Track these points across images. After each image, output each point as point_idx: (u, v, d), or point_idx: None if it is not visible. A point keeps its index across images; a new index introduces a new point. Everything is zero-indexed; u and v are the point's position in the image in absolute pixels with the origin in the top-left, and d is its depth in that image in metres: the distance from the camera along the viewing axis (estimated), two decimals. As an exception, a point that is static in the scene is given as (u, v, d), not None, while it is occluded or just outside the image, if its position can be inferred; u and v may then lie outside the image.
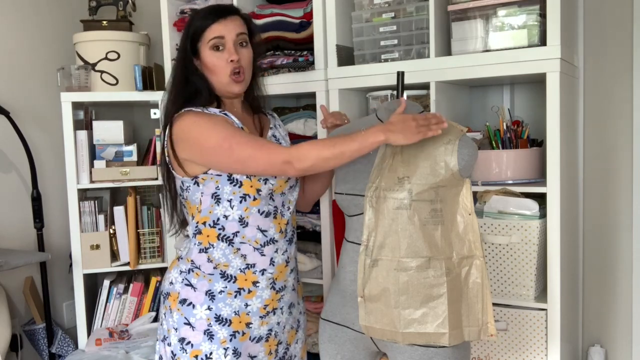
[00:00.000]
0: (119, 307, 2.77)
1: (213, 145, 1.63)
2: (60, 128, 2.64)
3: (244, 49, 1.74)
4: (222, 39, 1.70)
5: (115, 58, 2.71)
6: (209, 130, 1.64)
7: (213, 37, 1.70)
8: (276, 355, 1.81)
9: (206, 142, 1.64)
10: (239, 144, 1.61)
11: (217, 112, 1.71)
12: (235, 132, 1.64)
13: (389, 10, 2.17)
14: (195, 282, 1.72)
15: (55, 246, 2.89)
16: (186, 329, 1.70)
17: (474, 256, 1.62)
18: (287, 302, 1.82)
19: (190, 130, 1.65)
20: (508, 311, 2.01)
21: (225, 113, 1.72)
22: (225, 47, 1.71)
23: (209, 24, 1.71)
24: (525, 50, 1.93)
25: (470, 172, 1.65)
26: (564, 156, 1.96)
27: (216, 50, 1.71)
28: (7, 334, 2.48)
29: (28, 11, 2.84)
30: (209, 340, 1.69)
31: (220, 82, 1.73)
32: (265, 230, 1.73)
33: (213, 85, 1.75)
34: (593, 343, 2.37)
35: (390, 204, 1.59)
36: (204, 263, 1.73)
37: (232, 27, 1.71)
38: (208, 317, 1.70)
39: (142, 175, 2.73)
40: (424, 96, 2.18)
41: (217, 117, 1.68)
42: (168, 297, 1.76)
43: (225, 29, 1.70)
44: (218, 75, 1.72)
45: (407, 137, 1.54)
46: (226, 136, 1.62)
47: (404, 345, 1.62)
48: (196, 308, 1.70)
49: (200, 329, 1.70)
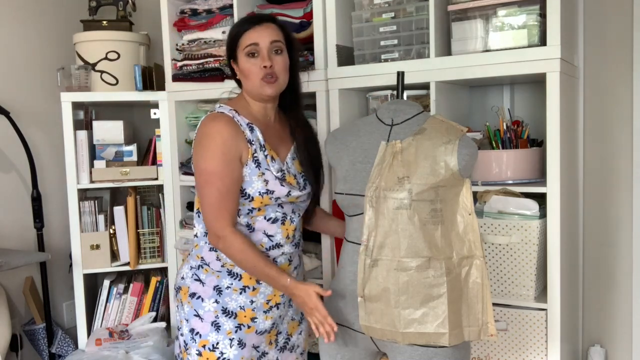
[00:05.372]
0: (119, 307, 2.77)
1: (200, 167, 1.73)
2: (60, 128, 2.64)
3: (279, 56, 1.77)
4: (256, 45, 1.75)
5: (115, 58, 2.71)
6: (209, 153, 1.71)
7: (248, 44, 1.76)
8: (276, 344, 1.89)
9: (202, 160, 1.73)
10: (213, 186, 1.70)
11: (246, 124, 1.76)
12: (222, 174, 1.70)
13: (389, 10, 2.17)
14: (204, 277, 1.81)
15: (55, 246, 2.89)
16: (195, 320, 1.80)
17: (474, 256, 1.62)
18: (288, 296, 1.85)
19: (202, 138, 1.73)
20: (508, 311, 2.01)
21: (252, 127, 1.76)
22: (260, 53, 1.75)
23: (244, 31, 1.77)
24: (525, 50, 1.93)
25: (471, 172, 1.65)
26: (564, 156, 1.96)
27: (251, 56, 1.76)
28: (7, 334, 2.48)
29: (28, 11, 2.85)
30: (215, 331, 1.79)
31: (254, 86, 1.78)
32: (271, 236, 1.80)
33: (247, 90, 1.81)
34: (593, 343, 2.37)
35: (391, 204, 1.59)
36: (213, 261, 1.81)
37: (266, 34, 1.76)
38: (215, 309, 1.79)
39: (142, 175, 2.73)
40: (424, 96, 2.18)
41: (231, 140, 1.72)
42: (180, 291, 1.86)
43: (259, 36, 1.75)
44: (251, 80, 1.77)
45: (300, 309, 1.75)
46: (213, 172, 1.70)
47: (403, 345, 1.62)
48: (205, 301, 1.80)
49: (208, 320, 1.79)
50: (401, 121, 1.72)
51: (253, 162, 1.74)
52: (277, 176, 1.76)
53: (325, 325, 1.65)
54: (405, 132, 1.69)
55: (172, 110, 2.65)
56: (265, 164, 1.76)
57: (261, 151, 1.76)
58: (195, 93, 2.56)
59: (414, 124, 1.70)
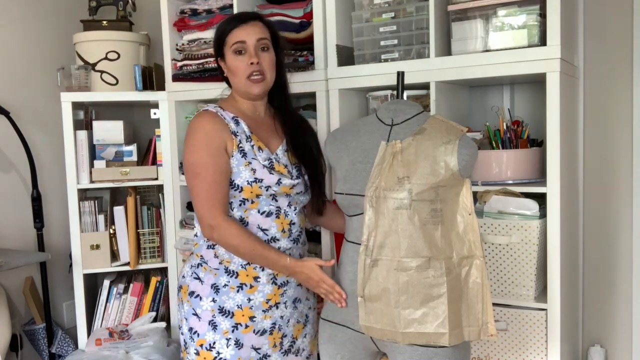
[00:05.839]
0: (119, 307, 2.77)
1: (187, 161, 1.78)
2: (60, 128, 2.64)
3: (265, 53, 1.81)
4: (243, 43, 1.79)
5: (115, 58, 2.71)
6: (193, 147, 1.75)
7: (235, 41, 1.79)
8: (281, 347, 1.88)
9: (188, 154, 1.77)
10: (200, 177, 1.73)
11: (230, 117, 1.80)
12: (208, 164, 1.73)
13: (389, 10, 2.17)
14: (202, 275, 1.83)
15: (55, 246, 2.89)
16: (194, 320, 1.82)
17: (474, 256, 1.62)
18: (290, 296, 1.87)
19: (189, 135, 1.79)
20: (508, 311, 2.01)
21: (237, 120, 1.80)
22: (247, 51, 1.79)
23: (231, 29, 1.81)
24: (525, 50, 1.93)
25: (471, 172, 1.65)
26: (564, 156, 1.96)
27: (238, 54, 1.80)
28: (7, 334, 2.48)
29: (28, 11, 2.84)
30: (212, 330, 1.79)
31: (240, 83, 1.81)
32: (265, 229, 1.80)
33: (235, 87, 1.85)
34: (593, 343, 2.37)
35: (390, 204, 1.59)
36: (211, 258, 1.82)
37: (253, 32, 1.79)
38: (212, 308, 1.80)
39: (142, 175, 2.73)
40: (424, 96, 2.18)
41: (214, 132, 1.75)
42: (180, 290, 1.89)
43: (245, 34, 1.79)
44: (238, 77, 1.81)
45: (307, 285, 1.79)
46: (199, 163, 1.74)
47: (403, 345, 1.62)
48: (202, 300, 1.81)
49: (206, 319, 1.80)
50: (401, 121, 1.72)
51: (239, 152, 1.76)
52: (264, 164, 1.78)
53: (334, 294, 1.68)
54: (405, 132, 1.69)
55: (172, 110, 2.65)
56: (252, 153, 1.78)
57: (247, 142, 1.78)
58: (195, 93, 2.56)
59: (414, 124, 1.70)
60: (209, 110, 1.81)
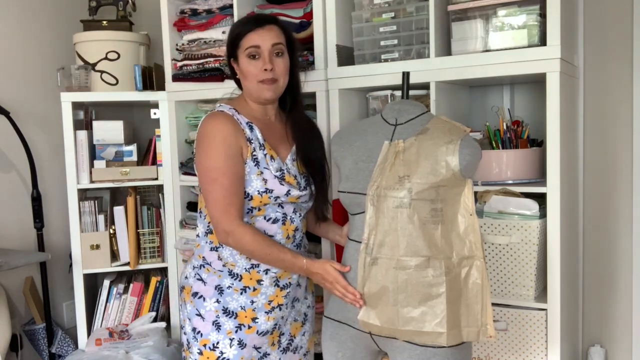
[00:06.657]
0: (119, 307, 2.77)
1: (203, 165, 1.73)
2: (60, 128, 2.64)
3: (280, 59, 1.77)
4: (258, 48, 1.75)
5: (115, 58, 2.71)
6: (211, 151, 1.71)
7: (249, 45, 1.75)
8: (279, 345, 1.89)
9: (204, 158, 1.72)
10: (217, 183, 1.70)
11: (245, 122, 1.77)
12: (225, 170, 1.70)
13: (389, 10, 2.17)
14: (205, 277, 1.83)
15: (55, 246, 2.89)
16: (197, 320, 1.82)
17: (475, 257, 1.62)
18: (291, 297, 1.88)
19: (203, 138, 1.74)
20: (508, 311, 2.01)
21: (251, 126, 1.77)
22: (261, 56, 1.75)
23: (246, 32, 1.76)
24: (525, 50, 1.93)
25: (473, 173, 1.65)
26: (564, 156, 1.96)
27: (252, 58, 1.76)
28: (7, 334, 2.48)
29: (28, 11, 2.84)
30: (216, 330, 1.79)
31: (252, 87, 1.78)
32: (271, 236, 1.80)
33: (246, 90, 1.82)
34: (593, 343, 2.37)
35: (391, 203, 1.59)
36: (214, 260, 1.82)
37: (268, 36, 1.75)
38: (216, 309, 1.80)
39: (142, 175, 2.73)
40: (424, 96, 2.18)
41: (231, 137, 1.72)
42: (183, 290, 1.88)
43: (260, 39, 1.75)
44: (250, 81, 1.77)
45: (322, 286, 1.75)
46: (216, 168, 1.70)
47: (403, 345, 1.62)
48: (206, 301, 1.81)
49: (209, 319, 1.81)
50: (405, 121, 1.72)
51: (252, 160, 1.75)
52: (275, 175, 1.76)
53: (349, 295, 1.66)
54: (408, 132, 1.69)
55: (172, 110, 2.66)
56: (265, 162, 1.76)
57: (260, 150, 1.76)
58: (195, 93, 2.56)
59: (418, 124, 1.70)
60: (224, 112, 1.77)
